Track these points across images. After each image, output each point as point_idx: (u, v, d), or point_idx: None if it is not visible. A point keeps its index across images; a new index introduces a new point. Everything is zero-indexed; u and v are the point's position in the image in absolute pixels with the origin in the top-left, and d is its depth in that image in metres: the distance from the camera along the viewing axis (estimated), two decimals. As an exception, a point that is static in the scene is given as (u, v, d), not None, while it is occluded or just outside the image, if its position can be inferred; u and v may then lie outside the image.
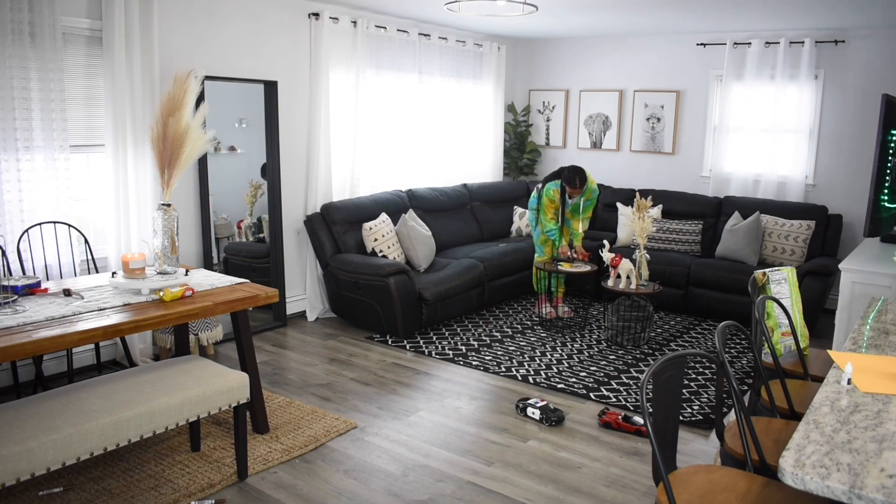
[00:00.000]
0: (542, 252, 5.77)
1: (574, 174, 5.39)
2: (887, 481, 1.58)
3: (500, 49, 7.41)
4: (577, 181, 5.36)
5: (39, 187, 4.04)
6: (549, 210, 5.54)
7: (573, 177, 5.39)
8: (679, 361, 2.21)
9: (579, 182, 5.37)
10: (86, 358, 4.46)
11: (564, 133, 7.74)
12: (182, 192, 4.80)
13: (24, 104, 3.89)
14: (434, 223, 6.34)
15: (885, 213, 4.72)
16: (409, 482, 3.25)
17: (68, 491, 3.06)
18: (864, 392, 2.10)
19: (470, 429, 3.82)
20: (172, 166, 3.53)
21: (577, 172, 5.39)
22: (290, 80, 5.46)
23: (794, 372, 2.97)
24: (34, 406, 2.73)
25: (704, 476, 2.13)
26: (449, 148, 7.08)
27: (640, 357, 4.96)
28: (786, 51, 6.18)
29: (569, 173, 5.42)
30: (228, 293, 3.48)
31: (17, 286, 3.21)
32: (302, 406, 4.02)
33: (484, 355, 4.95)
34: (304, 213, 5.73)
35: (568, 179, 5.41)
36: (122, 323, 2.97)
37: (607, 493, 3.18)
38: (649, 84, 7.11)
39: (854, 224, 6.11)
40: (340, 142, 5.83)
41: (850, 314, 4.02)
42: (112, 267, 4.42)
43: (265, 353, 4.92)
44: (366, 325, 5.49)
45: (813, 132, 6.28)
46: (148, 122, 4.28)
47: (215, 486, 3.15)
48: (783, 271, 3.16)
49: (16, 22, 3.79)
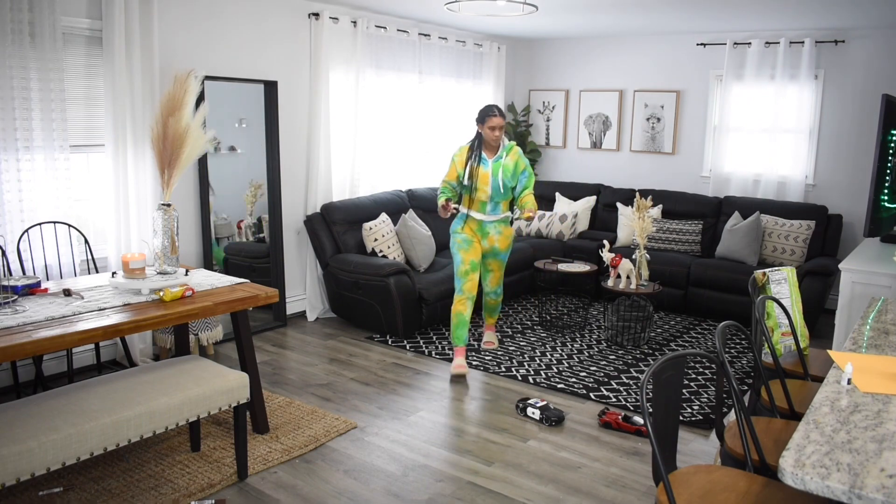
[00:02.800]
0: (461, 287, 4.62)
1: (489, 105, 4.57)
2: (887, 481, 1.58)
3: (500, 49, 7.41)
4: (495, 109, 4.50)
5: (39, 187, 4.04)
6: (451, 174, 4.64)
7: (489, 107, 4.54)
8: (679, 361, 2.21)
9: (498, 110, 4.51)
10: (86, 358, 4.46)
11: (564, 133, 7.74)
12: (182, 192, 4.80)
13: (24, 104, 3.89)
14: (434, 223, 6.33)
15: (885, 213, 4.72)
16: (409, 482, 3.25)
17: (68, 491, 3.06)
18: (864, 392, 2.10)
19: (470, 429, 3.82)
20: (172, 166, 3.53)
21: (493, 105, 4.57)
22: (290, 80, 5.46)
23: (794, 372, 2.97)
24: (34, 406, 2.73)
25: (704, 476, 2.13)
26: (449, 148, 7.06)
27: (640, 357, 4.96)
28: (786, 51, 6.18)
29: (484, 107, 4.57)
30: (228, 293, 3.48)
31: (17, 286, 3.21)
32: (302, 406, 4.02)
33: (484, 355, 4.95)
34: (304, 213, 5.73)
35: (484, 111, 4.52)
36: (122, 323, 2.97)
37: (607, 493, 3.18)
38: (649, 84, 7.11)
39: (854, 224, 6.11)
40: (340, 142, 5.83)
41: (850, 314, 4.02)
42: (112, 267, 4.42)
43: (265, 353, 4.92)
44: (366, 325, 5.49)
45: (813, 132, 6.28)
46: (148, 122, 4.28)
47: (215, 486, 3.15)
48: (783, 271, 3.16)
49: (16, 22, 3.79)
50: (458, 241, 4.66)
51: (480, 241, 4.69)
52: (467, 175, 4.57)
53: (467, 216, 4.66)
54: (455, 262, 4.66)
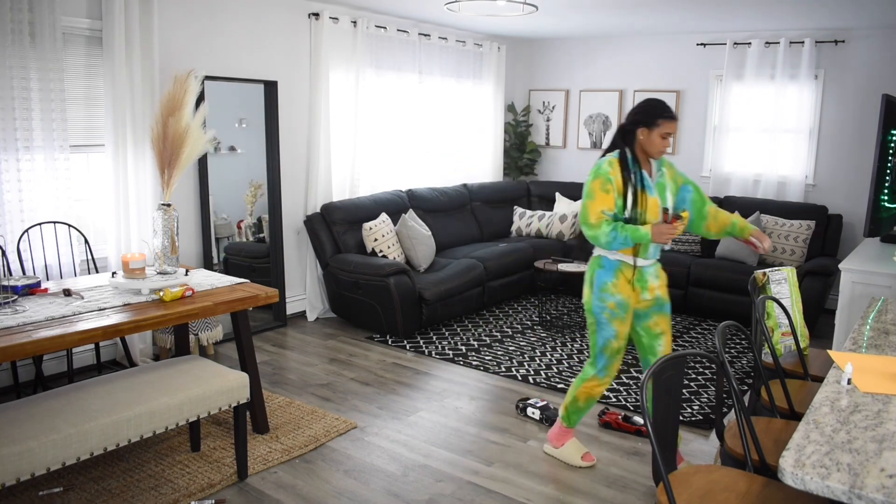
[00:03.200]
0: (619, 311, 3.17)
1: (659, 101, 3.15)
2: (887, 481, 1.58)
3: (500, 49, 7.41)
4: (669, 108, 3.10)
5: (39, 187, 4.04)
6: (599, 200, 3.05)
7: (660, 104, 3.12)
8: (679, 361, 2.21)
9: (671, 109, 3.11)
10: (86, 358, 4.46)
11: (564, 133, 7.74)
12: (182, 192, 4.80)
13: (24, 104, 3.89)
14: (434, 223, 6.34)
15: (885, 213, 4.72)
16: (409, 482, 3.25)
17: (68, 491, 3.06)
18: (864, 392, 2.10)
19: (470, 429, 3.82)
20: (172, 166, 3.53)
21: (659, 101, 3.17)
22: (290, 80, 5.46)
23: (794, 372, 2.97)
24: (34, 406, 2.73)
25: (704, 476, 2.13)
26: (449, 148, 7.07)
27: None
28: (786, 51, 6.18)
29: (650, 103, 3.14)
30: (228, 293, 3.48)
31: (17, 286, 3.21)
32: (302, 406, 4.02)
33: (484, 355, 4.95)
34: (304, 213, 5.73)
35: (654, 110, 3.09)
36: (122, 323, 2.97)
37: (607, 493, 3.18)
38: (649, 84, 7.11)
39: (854, 224, 6.11)
40: (340, 142, 5.83)
41: (850, 314, 4.02)
42: (112, 267, 4.42)
43: (265, 353, 4.92)
44: (366, 325, 5.49)
45: (813, 132, 6.28)
46: (148, 122, 4.28)
47: (215, 486, 3.15)
48: (783, 271, 3.16)
49: (16, 22, 3.79)
50: (612, 305, 3.14)
51: (638, 297, 3.18)
52: (630, 204, 3.05)
53: (621, 264, 3.15)
54: (602, 335, 3.21)
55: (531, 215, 7.05)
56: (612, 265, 3.14)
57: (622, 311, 3.15)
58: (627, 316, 3.18)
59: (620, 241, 3.00)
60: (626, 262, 3.12)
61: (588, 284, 3.23)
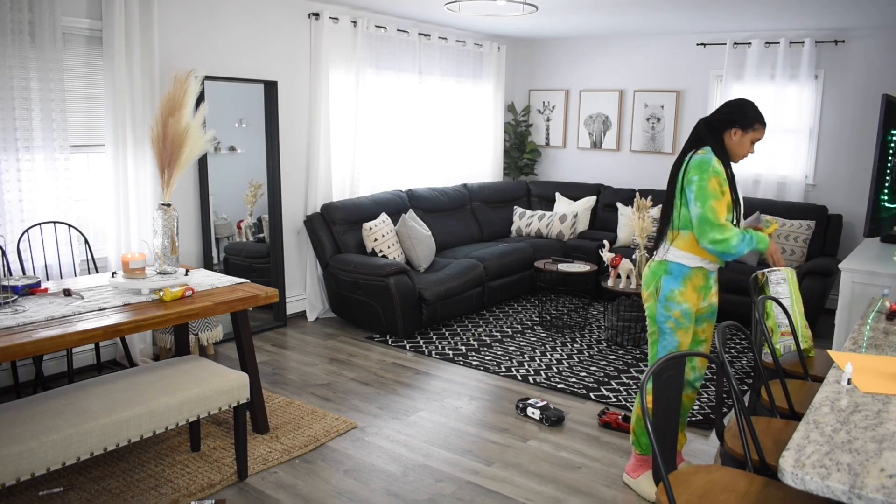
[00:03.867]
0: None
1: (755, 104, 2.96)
2: (887, 481, 1.58)
3: (500, 49, 7.41)
4: (761, 113, 2.94)
5: (39, 187, 4.04)
6: (722, 201, 2.82)
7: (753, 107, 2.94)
8: (679, 361, 2.21)
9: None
10: (86, 358, 4.46)
11: (564, 133, 7.74)
12: (182, 192, 4.80)
13: (24, 104, 3.89)
14: (434, 223, 6.33)
15: (885, 213, 4.72)
16: (409, 482, 3.25)
17: (68, 491, 3.06)
18: (864, 392, 2.10)
19: (470, 429, 3.82)
20: (172, 166, 3.53)
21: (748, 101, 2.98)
22: (289, 80, 5.46)
23: (794, 372, 2.98)
24: (34, 406, 2.73)
25: (704, 476, 2.13)
26: (449, 148, 7.07)
27: (640, 357, 4.96)
28: (786, 51, 6.18)
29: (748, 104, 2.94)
30: (228, 293, 3.48)
31: (17, 286, 3.21)
32: (302, 406, 4.02)
33: (484, 355, 4.95)
34: (304, 213, 5.73)
35: (750, 114, 2.91)
36: (122, 323, 2.97)
37: (607, 493, 3.18)
38: (649, 84, 7.11)
39: (854, 224, 6.10)
40: (340, 142, 5.83)
41: (850, 314, 4.02)
42: (112, 267, 4.42)
43: (265, 353, 4.92)
44: (366, 325, 5.49)
45: (813, 132, 6.28)
46: (148, 122, 4.28)
47: (215, 486, 3.15)
48: (783, 271, 3.16)
49: (16, 22, 3.79)
50: (677, 314, 2.95)
51: (699, 304, 3.00)
52: (733, 205, 2.87)
53: (693, 271, 2.93)
54: (664, 345, 3.01)
55: (531, 215, 7.05)
56: (682, 272, 2.92)
57: (687, 320, 2.95)
58: (691, 325, 2.98)
59: (744, 249, 2.81)
60: (704, 269, 2.94)
61: (652, 292, 2.99)
